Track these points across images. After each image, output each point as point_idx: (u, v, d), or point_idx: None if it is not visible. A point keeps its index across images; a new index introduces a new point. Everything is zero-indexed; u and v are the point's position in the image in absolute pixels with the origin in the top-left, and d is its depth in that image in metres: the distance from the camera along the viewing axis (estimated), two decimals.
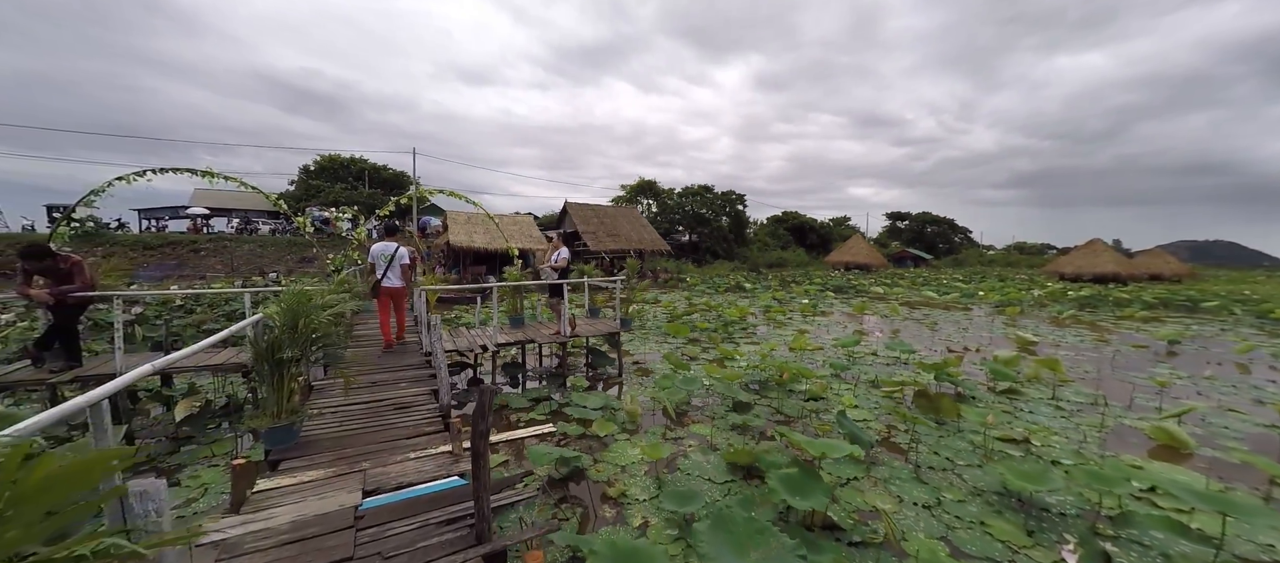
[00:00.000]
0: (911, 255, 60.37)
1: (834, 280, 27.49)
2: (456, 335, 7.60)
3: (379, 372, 5.56)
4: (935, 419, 6.24)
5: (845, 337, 10.55)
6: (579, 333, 7.69)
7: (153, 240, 32.78)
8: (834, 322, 15.26)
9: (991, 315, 17.23)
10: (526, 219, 28.42)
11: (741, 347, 10.90)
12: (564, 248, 7.58)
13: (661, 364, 9.29)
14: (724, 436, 5.75)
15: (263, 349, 3.34)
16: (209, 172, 5.90)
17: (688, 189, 54.93)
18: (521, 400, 6.78)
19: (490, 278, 25.59)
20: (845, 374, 8.49)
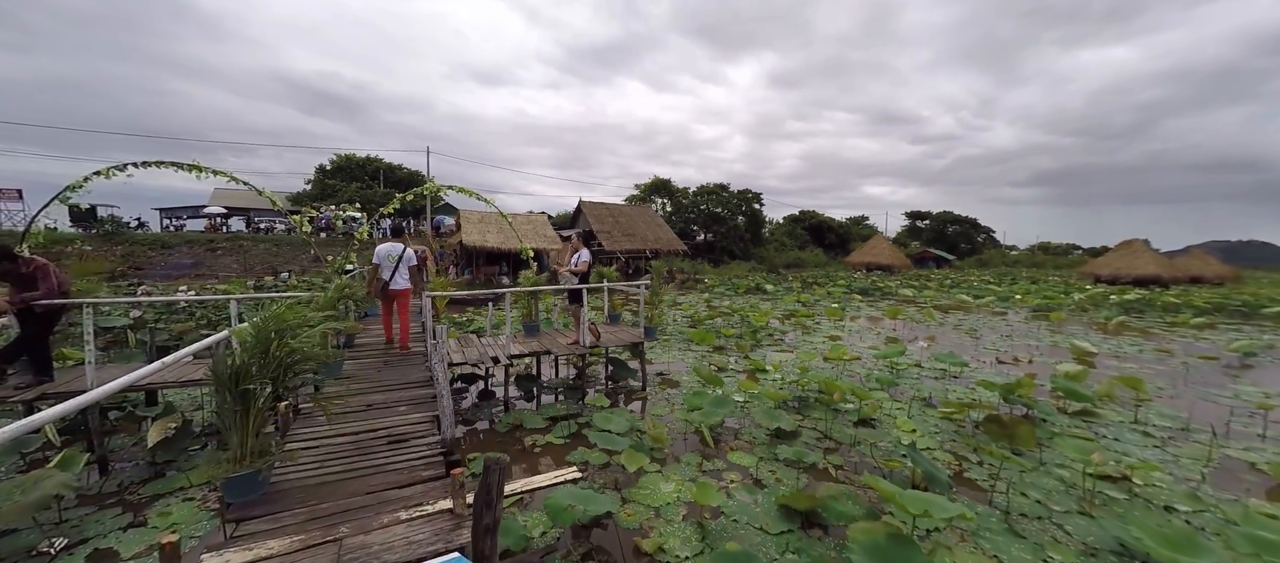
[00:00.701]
0: (933, 256, 58.71)
1: (858, 282, 26.44)
2: (466, 345, 6.95)
3: (377, 389, 4.92)
4: (1011, 449, 5.42)
5: (884, 346, 9.71)
6: (600, 343, 7.00)
7: (171, 239, 32.93)
8: (864, 327, 14.37)
9: (1031, 321, 16.17)
10: (540, 219, 27.87)
11: (772, 356, 10.12)
12: (584, 250, 6.90)
13: (688, 375, 8.57)
14: (769, 467, 5.00)
15: (224, 377, 2.70)
16: (195, 165, 5.31)
17: (703, 188, 54.02)
18: (537, 420, 6.10)
19: (504, 278, 25.10)
20: (893, 390, 7.67)
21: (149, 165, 5.33)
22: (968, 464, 5.19)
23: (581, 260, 6.85)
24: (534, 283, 7.94)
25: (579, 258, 6.86)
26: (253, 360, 2.79)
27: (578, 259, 6.86)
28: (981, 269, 55.33)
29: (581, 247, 6.94)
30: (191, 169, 5.52)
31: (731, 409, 5.90)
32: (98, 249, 30.50)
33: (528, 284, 7.85)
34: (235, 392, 2.71)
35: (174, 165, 5.46)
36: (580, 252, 6.89)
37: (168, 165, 5.42)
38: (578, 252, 6.91)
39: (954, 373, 8.88)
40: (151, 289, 13.24)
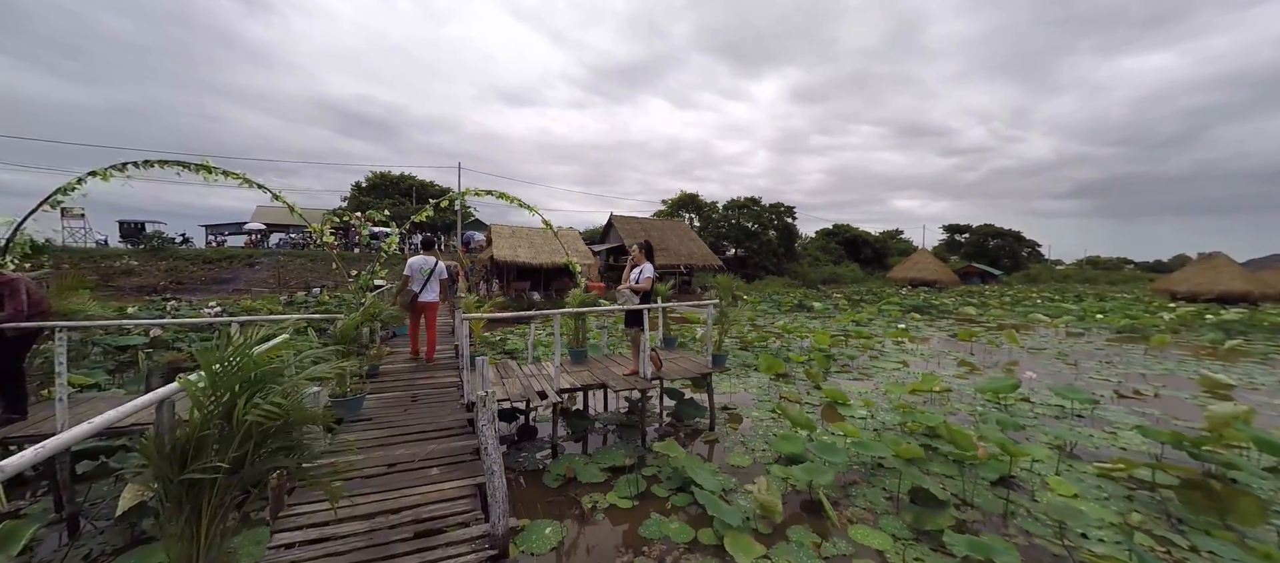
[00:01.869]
0: (978, 271, 55.73)
1: (910, 299, 24.63)
2: (506, 375, 5.94)
3: (402, 437, 3.93)
4: (1224, 525, 4.03)
5: (990, 378, 8.25)
6: (662, 373, 5.90)
7: (212, 254, 33.60)
8: (937, 350, 12.83)
9: (1119, 343, 14.28)
10: (571, 233, 27.12)
11: (846, 385, 8.80)
12: (648, 264, 5.84)
13: (756, 409, 7.36)
14: (913, 554, 3.74)
15: (161, 456, 1.72)
16: (204, 165, 4.52)
17: (734, 202, 52.75)
18: (593, 470, 5.00)
19: (535, 294, 24.34)
20: (1015, 435, 6.29)
21: (149, 164, 4.57)
22: (1176, 550, 3.83)
23: (644, 277, 5.79)
24: (580, 301, 6.90)
25: (641, 274, 5.80)
26: (209, 430, 1.80)
27: (640, 275, 5.80)
28: (1031, 285, 52.18)
29: (644, 260, 5.89)
30: (200, 170, 4.74)
31: (839, 459, 4.68)
32: (143, 264, 31.27)
33: (575, 303, 6.81)
34: (177, 481, 1.71)
35: (179, 164, 4.69)
36: (643, 266, 5.84)
37: (171, 164, 4.65)
38: (640, 266, 5.86)
39: (1080, 412, 7.41)
40: (179, 304, 12.87)
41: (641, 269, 5.82)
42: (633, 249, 6.00)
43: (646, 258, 5.90)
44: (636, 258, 5.94)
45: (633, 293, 5.76)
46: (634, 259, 5.96)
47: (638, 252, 5.93)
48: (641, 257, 5.91)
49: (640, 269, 5.84)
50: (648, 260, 5.90)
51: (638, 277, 5.81)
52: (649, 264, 5.85)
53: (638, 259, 5.93)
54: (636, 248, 5.96)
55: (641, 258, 5.90)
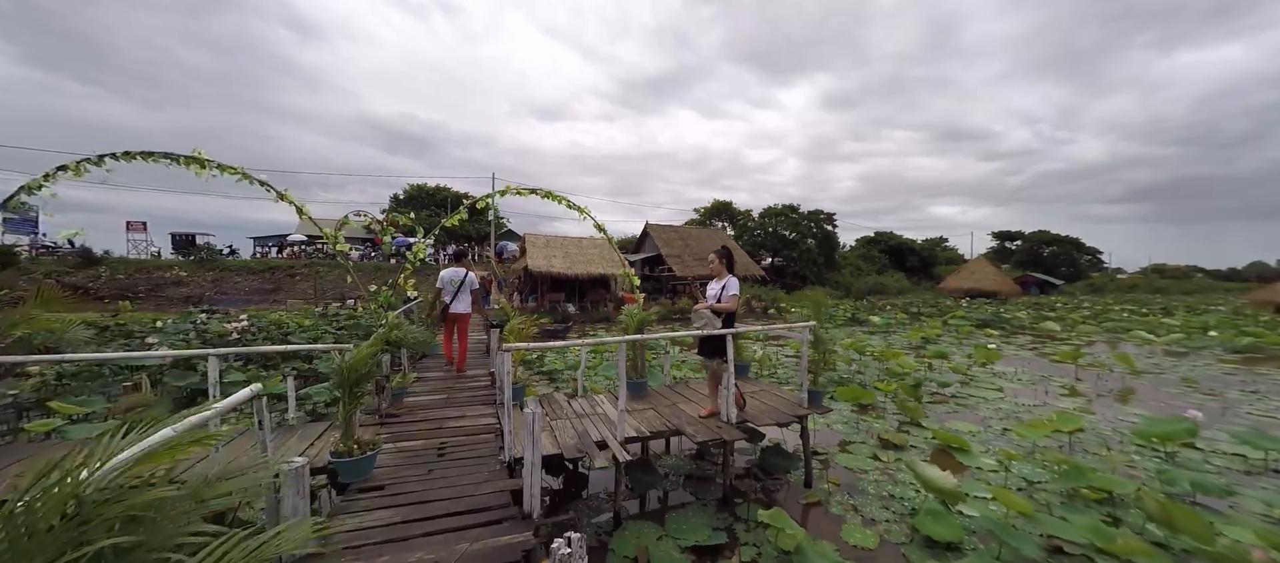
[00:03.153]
0: (1036, 280, 52.06)
1: (975, 312, 22.49)
2: (553, 412, 4.83)
3: (422, 519, 2.84)
4: None
5: (1149, 418, 6.62)
6: (746, 414, 4.67)
7: (257, 266, 34.36)
8: (1032, 373, 11.09)
9: (1247, 365, 12.08)
10: (607, 244, 26.20)
11: (950, 421, 7.32)
12: (732, 278, 4.62)
13: (848, 453, 6.00)
14: None
15: None
16: (195, 158, 3.62)
17: (770, 209, 51.03)
18: (670, 552, 3.78)
19: (569, 306, 23.46)
20: (1224, 503, 4.75)
21: (131, 157, 3.72)
22: None
23: (729, 295, 4.58)
24: (640, 321, 5.73)
25: (725, 290, 4.60)
26: None
27: (723, 292, 4.60)
28: (1095, 295, 48.33)
29: (726, 273, 4.69)
30: (189, 163, 3.85)
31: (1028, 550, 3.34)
32: (191, 275, 32.14)
33: (633, 322, 5.65)
34: None
35: (167, 157, 3.81)
36: (726, 281, 4.63)
37: (158, 157, 3.77)
38: (722, 281, 4.66)
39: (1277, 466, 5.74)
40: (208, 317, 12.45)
41: (725, 285, 4.62)
42: (711, 260, 4.81)
43: (728, 269, 4.70)
44: (716, 269, 4.75)
45: (713, 315, 4.55)
46: (713, 270, 4.77)
47: (717, 263, 4.73)
48: (723, 268, 4.71)
49: (723, 285, 4.64)
50: (730, 273, 4.69)
51: (719, 294, 4.61)
52: (733, 278, 4.64)
53: (717, 271, 4.74)
54: (716, 258, 4.76)
55: (723, 270, 4.70)
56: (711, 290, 4.78)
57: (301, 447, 3.62)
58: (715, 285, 4.76)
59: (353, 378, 3.10)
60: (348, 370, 3.08)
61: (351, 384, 3.12)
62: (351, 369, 3.09)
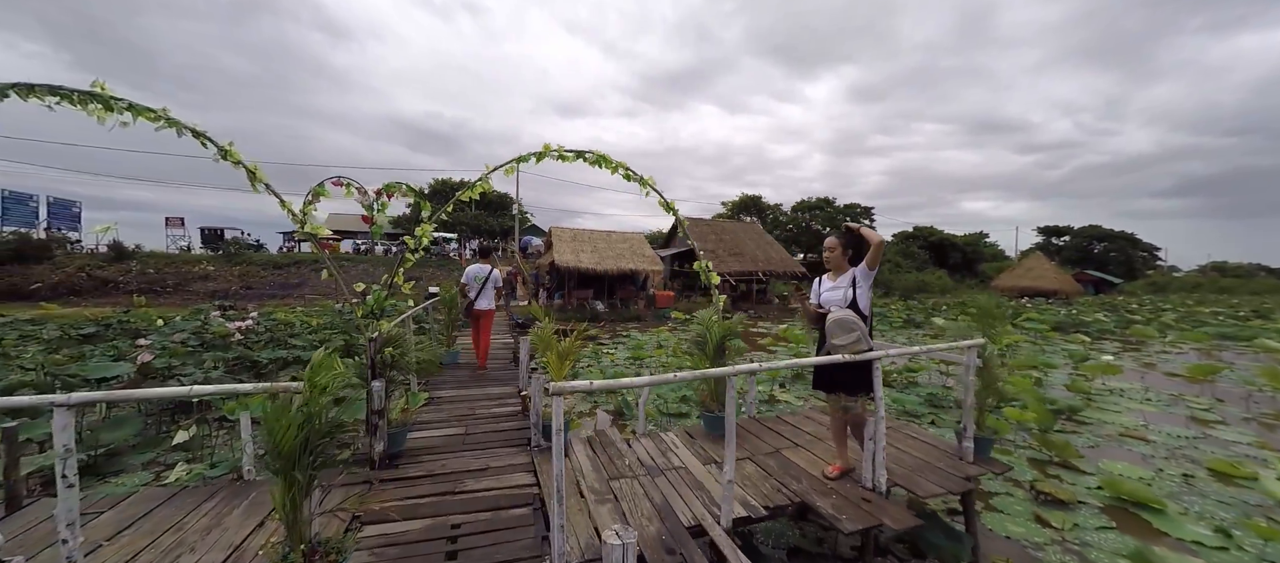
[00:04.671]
0: (1092, 279, 48.59)
1: (1048, 314, 20.23)
2: (617, 471, 3.42)
3: None
4: None
5: None
6: (893, 480, 3.17)
7: (282, 260, 34.15)
8: (1158, 389, 9.21)
9: None
10: (638, 238, 24.74)
11: (1108, 463, 5.65)
12: (864, 272, 3.16)
13: (992, 509, 4.43)
14: None
15: None
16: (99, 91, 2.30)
17: (803, 203, 48.91)
18: None
19: (598, 304, 22.14)
20: None
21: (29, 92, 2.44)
22: None
23: (862, 292, 3.07)
24: (723, 332, 4.23)
25: (856, 289, 3.09)
26: None
27: (856, 291, 3.09)
28: (1158, 295, 44.79)
29: (845, 263, 3.20)
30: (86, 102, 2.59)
31: None
32: (219, 269, 32.07)
33: (715, 332, 4.16)
34: None
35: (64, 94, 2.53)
36: (855, 277, 3.12)
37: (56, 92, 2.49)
38: (849, 277, 3.14)
39: None
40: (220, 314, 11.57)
41: (854, 281, 3.12)
42: (829, 246, 3.31)
43: (852, 258, 3.18)
44: (835, 259, 3.24)
45: (844, 329, 3.01)
46: (831, 261, 3.28)
47: (838, 249, 3.21)
48: (844, 258, 3.22)
49: (850, 282, 3.14)
50: (855, 261, 3.16)
51: (850, 296, 3.10)
52: (866, 270, 3.11)
53: (837, 262, 3.24)
54: (836, 242, 3.25)
55: (844, 260, 3.20)
56: (827, 291, 3.29)
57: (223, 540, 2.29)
58: (833, 284, 3.28)
59: (290, 447, 1.74)
60: (280, 434, 1.72)
61: (291, 460, 1.76)
62: (284, 432, 1.72)
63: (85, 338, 10.32)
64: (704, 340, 4.18)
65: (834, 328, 3.01)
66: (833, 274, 3.35)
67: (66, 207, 34.83)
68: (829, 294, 3.30)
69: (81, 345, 9.48)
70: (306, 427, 1.91)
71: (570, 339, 3.96)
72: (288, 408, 1.80)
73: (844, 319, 3.00)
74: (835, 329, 3.00)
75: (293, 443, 1.81)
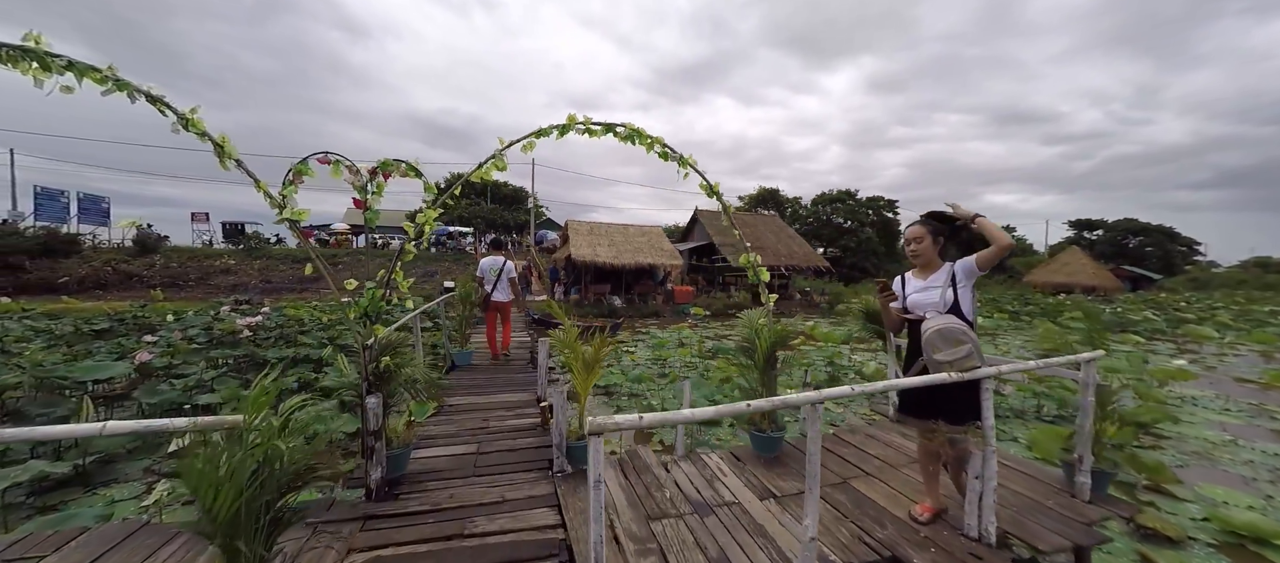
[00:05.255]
0: (1129, 274, 46.53)
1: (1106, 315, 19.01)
2: (657, 509, 2.85)
3: None
4: None
5: None
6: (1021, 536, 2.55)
7: (301, 254, 34.36)
8: (1238, 400, 8.32)
9: None
10: (656, 232, 24.12)
11: (1206, 488, 4.92)
12: (967, 266, 2.47)
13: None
14: None
15: None
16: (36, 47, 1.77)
17: (824, 195, 47.64)
18: None
19: (615, 299, 21.62)
20: None
21: None
22: None
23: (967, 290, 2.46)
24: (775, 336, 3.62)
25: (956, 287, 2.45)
26: None
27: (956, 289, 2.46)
28: (1200, 291, 42.66)
29: (939, 259, 2.60)
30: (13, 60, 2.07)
31: None
32: (240, 263, 32.37)
33: (763, 341, 3.56)
34: None
35: None
36: (954, 273, 2.50)
37: None
38: (946, 274, 2.51)
39: None
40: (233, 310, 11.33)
41: (953, 278, 2.50)
42: (914, 235, 2.68)
43: (941, 252, 2.56)
44: (924, 250, 2.62)
45: (950, 340, 2.39)
46: (919, 254, 2.64)
47: (926, 238, 2.60)
48: (933, 251, 2.62)
49: (948, 279, 2.53)
50: (954, 251, 2.53)
51: (948, 296, 2.49)
52: (968, 265, 2.48)
53: (926, 255, 2.62)
54: (924, 231, 2.63)
55: (933, 254, 2.61)
56: (917, 292, 2.67)
57: None
58: (923, 283, 2.65)
59: (228, 512, 1.21)
60: (209, 496, 1.19)
61: (232, 528, 1.24)
62: (214, 493, 1.19)
63: (98, 333, 10.17)
64: (751, 346, 3.59)
65: (935, 339, 2.39)
66: (921, 270, 2.72)
67: (96, 202, 35.46)
68: (919, 296, 2.67)
69: (93, 341, 9.29)
70: (257, 479, 1.37)
71: (596, 344, 3.40)
72: (216, 462, 1.27)
73: (949, 329, 2.38)
74: (938, 341, 2.38)
75: (230, 507, 1.27)
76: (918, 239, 2.68)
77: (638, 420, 1.61)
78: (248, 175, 2.40)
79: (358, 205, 2.86)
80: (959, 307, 2.51)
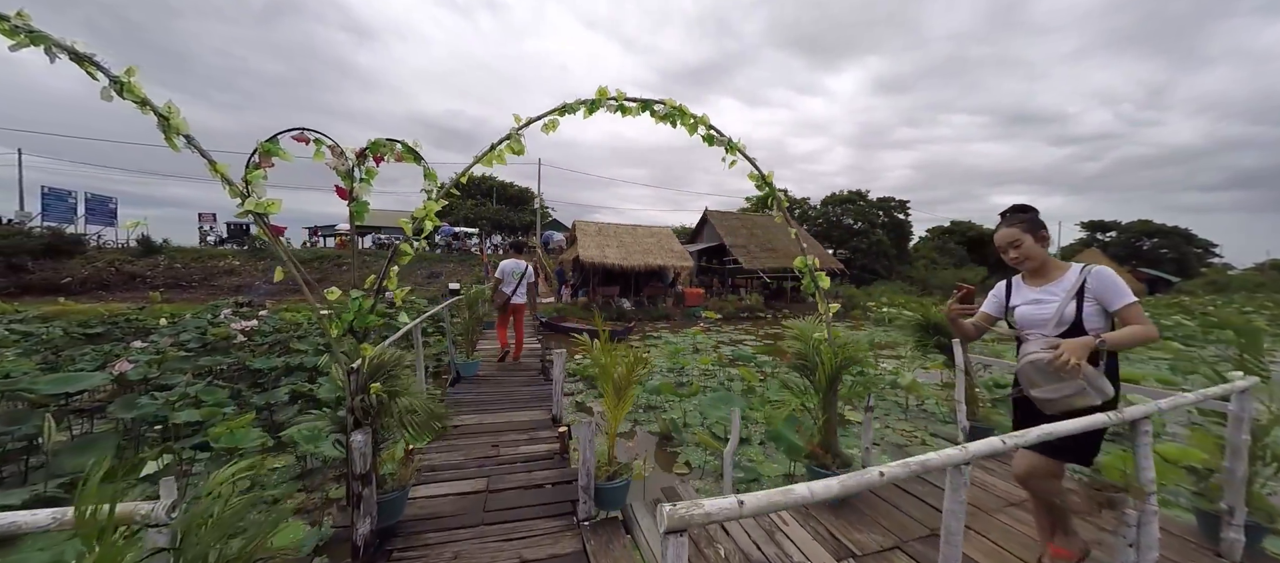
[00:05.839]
0: (1147, 277, 45.63)
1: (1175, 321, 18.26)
2: None
3: None
4: None
5: None
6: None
7: (306, 255, 34.06)
8: None
9: None
10: (665, 232, 23.58)
11: None
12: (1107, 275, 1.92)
13: None
14: None
15: None
16: None
17: (834, 196, 46.94)
18: None
19: (624, 302, 21.10)
20: None
21: None
22: None
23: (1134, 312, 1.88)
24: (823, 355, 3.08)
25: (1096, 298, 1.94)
26: None
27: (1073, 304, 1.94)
28: (1218, 294, 41.68)
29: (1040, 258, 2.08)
30: None
31: None
32: (244, 263, 32.11)
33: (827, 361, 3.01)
34: None
35: None
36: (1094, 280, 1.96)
37: None
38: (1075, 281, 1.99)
39: None
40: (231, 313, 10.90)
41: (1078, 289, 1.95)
42: (1006, 235, 2.10)
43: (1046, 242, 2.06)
44: (1032, 251, 2.06)
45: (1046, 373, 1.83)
46: (1022, 255, 2.07)
47: (1028, 240, 2.05)
48: (1040, 251, 2.06)
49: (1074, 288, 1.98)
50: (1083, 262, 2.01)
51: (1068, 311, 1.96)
52: (1104, 273, 1.93)
53: (1036, 256, 2.07)
54: (1018, 233, 2.06)
55: (1043, 254, 2.06)
56: (1027, 306, 2.12)
57: None
58: (1038, 293, 2.11)
59: None
60: None
61: None
62: None
63: (89, 337, 9.76)
64: (810, 365, 3.05)
65: (1031, 372, 1.93)
66: (1033, 276, 2.16)
67: (103, 203, 35.31)
68: (1029, 309, 2.11)
69: (83, 345, 8.86)
70: None
71: (628, 363, 2.87)
72: None
73: (1059, 368, 1.83)
74: (1033, 373, 1.92)
75: None
76: (1015, 243, 2.09)
77: (736, 506, 1.08)
78: (201, 155, 1.90)
79: (342, 195, 2.34)
80: (1081, 325, 1.96)
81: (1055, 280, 2.08)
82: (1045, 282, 2.11)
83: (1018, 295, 2.21)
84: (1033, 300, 2.12)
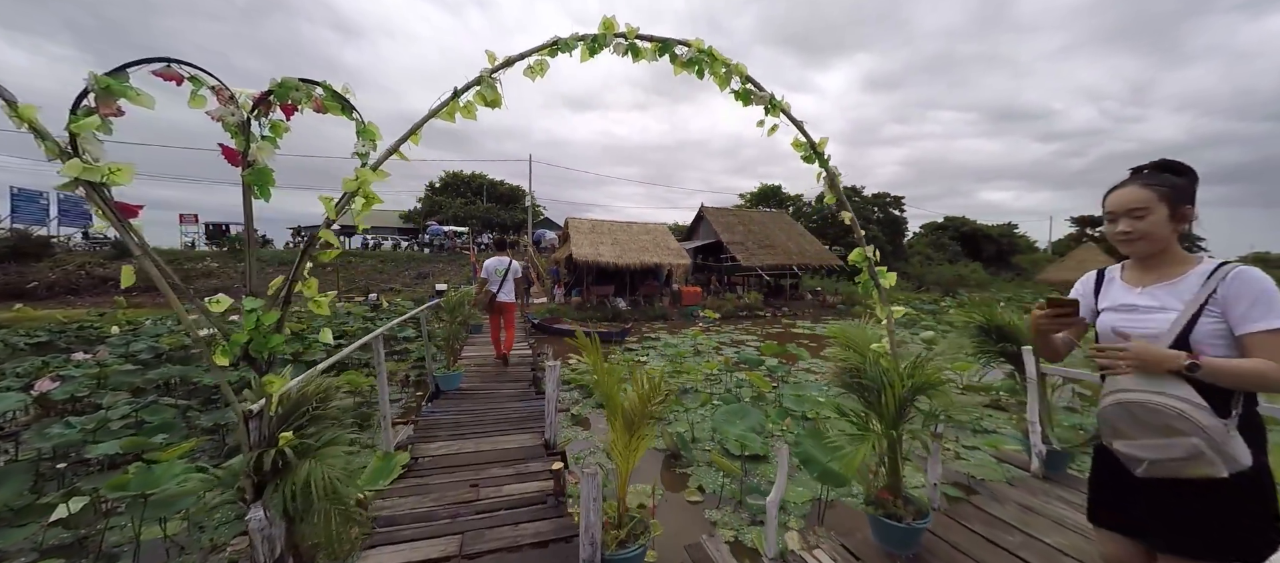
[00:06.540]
0: None
1: None
2: None
3: None
4: None
5: None
6: None
7: (288, 256, 32.96)
8: None
9: None
10: (661, 229, 22.88)
11: None
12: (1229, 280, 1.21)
13: None
14: None
15: None
16: None
17: None
18: None
19: (619, 301, 20.41)
20: None
21: None
22: None
23: (1201, 329, 1.23)
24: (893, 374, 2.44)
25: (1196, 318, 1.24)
26: None
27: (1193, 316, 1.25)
28: None
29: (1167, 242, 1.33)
30: None
31: None
32: (223, 265, 30.97)
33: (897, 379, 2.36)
34: None
35: None
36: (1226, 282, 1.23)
37: None
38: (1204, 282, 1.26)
39: None
40: None
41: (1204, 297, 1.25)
42: (1126, 196, 1.34)
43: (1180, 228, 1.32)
44: (1152, 226, 1.30)
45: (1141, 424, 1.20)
46: (1136, 234, 1.32)
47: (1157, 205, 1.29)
48: (1168, 232, 1.31)
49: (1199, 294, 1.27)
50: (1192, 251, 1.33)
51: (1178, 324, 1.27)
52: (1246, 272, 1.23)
53: (1157, 234, 1.31)
54: (1150, 196, 1.30)
55: (1168, 236, 1.31)
56: (1123, 317, 1.38)
57: None
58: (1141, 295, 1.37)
59: None
60: None
61: None
62: None
63: (35, 347, 8.89)
64: (871, 385, 2.39)
65: (1119, 416, 1.29)
66: (1143, 268, 1.42)
67: (78, 204, 33.92)
68: (1123, 319, 1.39)
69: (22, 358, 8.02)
70: None
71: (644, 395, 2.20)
72: None
73: (1151, 405, 1.22)
74: (1121, 420, 1.29)
75: None
76: (1136, 211, 1.34)
77: None
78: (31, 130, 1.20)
79: (230, 158, 1.64)
80: (1186, 347, 1.26)
81: (1172, 279, 1.34)
82: (1156, 278, 1.37)
83: (1110, 295, 1.46)
84: (1128, 305, 1.39)
